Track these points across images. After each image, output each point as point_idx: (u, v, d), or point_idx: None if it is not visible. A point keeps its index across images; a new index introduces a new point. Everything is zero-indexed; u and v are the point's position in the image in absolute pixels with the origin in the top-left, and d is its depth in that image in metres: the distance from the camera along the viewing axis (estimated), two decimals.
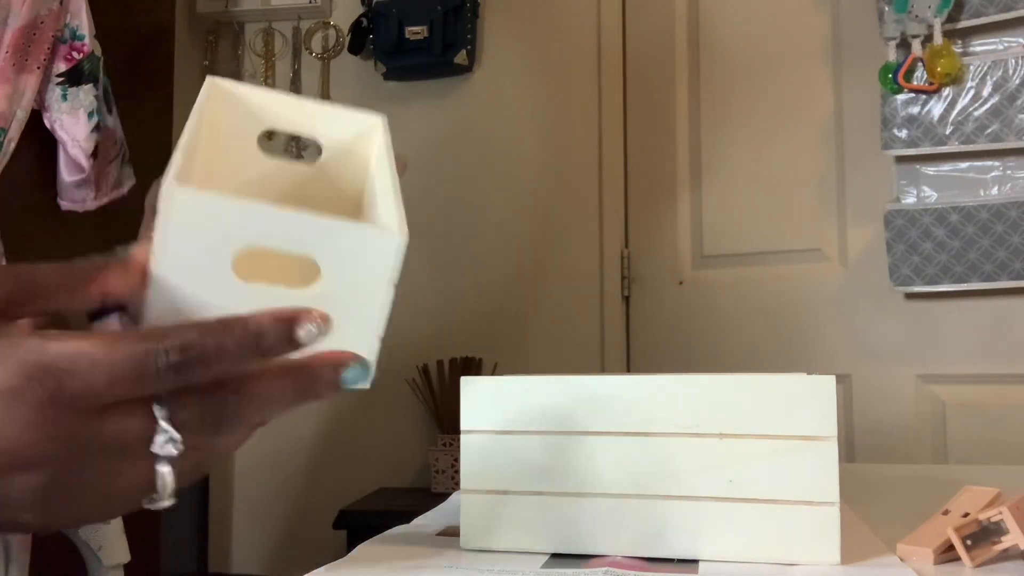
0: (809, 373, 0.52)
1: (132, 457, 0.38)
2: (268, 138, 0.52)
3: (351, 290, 0.40)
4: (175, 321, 0.39)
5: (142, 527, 1.53)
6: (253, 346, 0.38)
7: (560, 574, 0.50)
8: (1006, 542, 0.50)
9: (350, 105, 0.49)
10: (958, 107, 1.83)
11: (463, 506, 0.56)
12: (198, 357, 0.37)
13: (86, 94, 1.03)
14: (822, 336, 2.02)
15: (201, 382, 0.38)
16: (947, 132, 1.84)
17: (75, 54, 1.02)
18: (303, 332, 0.39)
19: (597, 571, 0.50)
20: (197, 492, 2.35)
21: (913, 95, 1.86)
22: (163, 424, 0.37)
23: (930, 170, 1.92)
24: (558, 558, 0.54)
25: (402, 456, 2.26)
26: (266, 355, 0.39)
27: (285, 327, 0.39)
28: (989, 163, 1.88)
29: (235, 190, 0.42)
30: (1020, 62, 1.80)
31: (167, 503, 0.39)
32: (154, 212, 0.39)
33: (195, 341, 0.37)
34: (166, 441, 0.38)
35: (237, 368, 0.39)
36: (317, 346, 0.40)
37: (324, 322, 0.40)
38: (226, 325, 0.38)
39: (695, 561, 0.52)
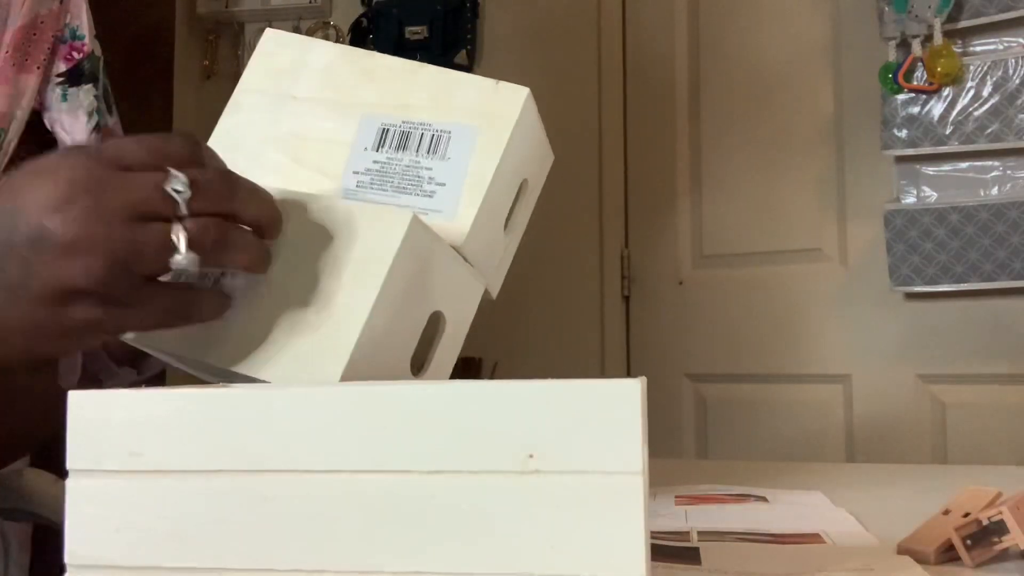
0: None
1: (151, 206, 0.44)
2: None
3: None
4: None
5: None
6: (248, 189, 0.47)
7: None
8: (1006, 542, 0.50)
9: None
10: (958, 107, 1.83)
11: None
12: (206, 155, 0.47)
13: (86, 94, 1.02)
14: (822, 336, 2.02)
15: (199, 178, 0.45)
16: (947, 132, 1.84)
17: (75, 54, 1.02)
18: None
19: None
20: None
21: (913, 95, 1.86)
22: (174, 174, 0.44)
23: (930, 170, 1.92)
24: None
25: None
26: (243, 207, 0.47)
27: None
28: (989, 163, 1.88)
29: None
30: (1020, 62, 1.80)
31: (184, 261, 0.44)
32: None
33: (204, 150, 0.47)
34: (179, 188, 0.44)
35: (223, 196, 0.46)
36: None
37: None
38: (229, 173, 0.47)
39: (695, 548, 0.53)
